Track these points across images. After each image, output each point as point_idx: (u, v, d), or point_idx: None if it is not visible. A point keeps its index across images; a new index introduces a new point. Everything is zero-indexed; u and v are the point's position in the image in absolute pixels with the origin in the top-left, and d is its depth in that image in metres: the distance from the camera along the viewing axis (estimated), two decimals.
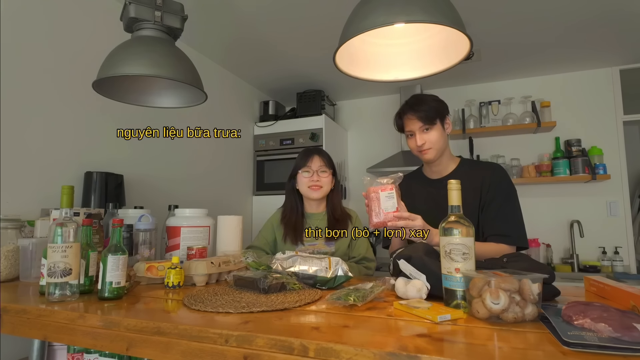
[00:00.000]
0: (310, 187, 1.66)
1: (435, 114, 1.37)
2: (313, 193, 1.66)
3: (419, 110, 1.36)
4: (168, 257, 1.47)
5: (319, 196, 1.67)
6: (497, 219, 1.31)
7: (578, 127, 3.14)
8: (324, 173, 1.68)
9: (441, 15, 0.90)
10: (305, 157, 1.70)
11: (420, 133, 1.37)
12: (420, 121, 1.36)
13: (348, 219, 1.72)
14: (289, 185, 1.75)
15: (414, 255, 0.99)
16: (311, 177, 1.66)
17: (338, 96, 3.75)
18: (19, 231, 1.36)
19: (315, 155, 1.70)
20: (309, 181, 1.66)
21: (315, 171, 1.67)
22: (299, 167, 1.70)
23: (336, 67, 1.12)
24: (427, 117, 1.36)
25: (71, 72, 1.81)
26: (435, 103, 1.39)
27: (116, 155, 2.03)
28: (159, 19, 1.25)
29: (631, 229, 2.98)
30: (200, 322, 0.78)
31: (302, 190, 1.70)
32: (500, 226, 1.30)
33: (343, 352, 0.63)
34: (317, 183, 1.66)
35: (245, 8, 2.21)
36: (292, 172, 1.73)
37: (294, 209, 1.72)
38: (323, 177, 1.67)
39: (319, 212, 1.73)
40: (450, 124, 1.43)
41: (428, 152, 1.38)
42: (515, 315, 0.74)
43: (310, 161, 1.68)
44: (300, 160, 1.71)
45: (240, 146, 3.23)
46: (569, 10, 2.25)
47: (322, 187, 1.67)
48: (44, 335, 0.90)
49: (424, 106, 1.37)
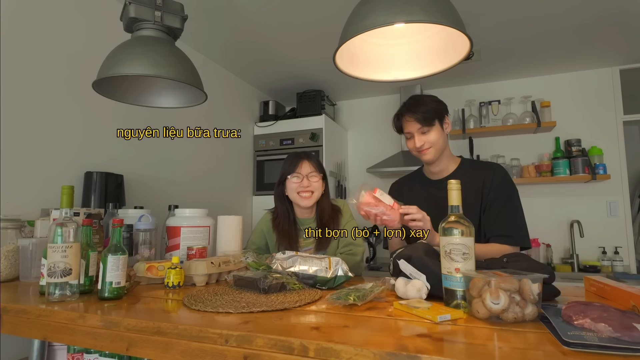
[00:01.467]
0: (299, 193, 1.59)
1: (434, 115, 1.36)
2: (304, 201, 1.59)
3: (416, 112, 1.36)
4: (168, 257, 1.47)
5: (310, 204, 1.60)
6: (499, 220, 1.30)
7: (578, 127, 3.14)
8: (314, 177, 1.60)
9: (441, 15, 0.90)
10: (293, 162, 1.63)
11: (418, 135, 1.37)
12: (419, 123, 1.36)
13: (338, 214, 1.65)
14: (277, 191, 1.67)
15: (414, 255, 0.99)
16: (300, 183, 1.59)
17: (338, 96, 3.75)
18: (19, 231, 1.36)
19: (305, 161, 1.62)
20: (299, 186, 1.59)
21: (305, 176, 1.59)
22: (288, 172, 1.62)
23: (336, 67, 1.12)
24: (425, 118, 1.35)
25: (71, 72, 1.81)
26: (433, 104, 1.38)
27: (116, 155, 2.03)
28: (159, 19, 1.25)
29: (631, 229, 2.98)
30: (200, 322, 0.78)
31: (292, 197, 1.62)
32: (503, 227, 1.29)
33: (343, 352, 0.63)
34: (307, 188, 1.58)
35: (246, 8, 2.21)
36: (280, 178, 1.65)
37: (286, 216, 1.65)
38: (314, 182, 1.60)
39: (310, 217, 1.67)
40: (449, 124, 1.42)
41: (427, 152, 1.37)
42: (515, 315, 0.74)
43: (299, 167, 1.60)
44: (289, 165, 1.63)
45: (240, 146, 3.23)
46: (569, 10, 2.25)
47: (314, 193, 1.59)
48: (44, 335, 0.90)
49: (421, 108, 1.36)
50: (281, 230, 1.63)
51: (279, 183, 1.66)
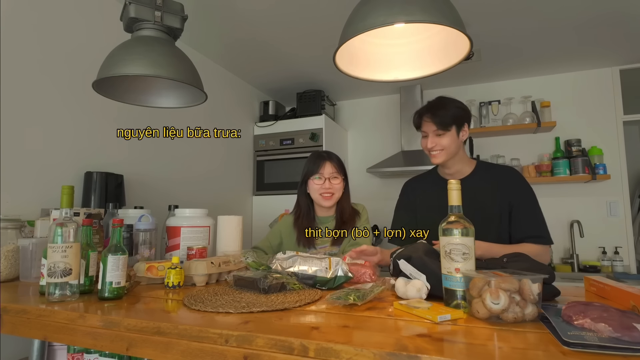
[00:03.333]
0: (322, 194, 1.65)
1: (452, 121, 1.38)
2: (325, 202, 1.65)
3: (437, 115, 1.38)
4: (168, 257, 1.47)
5: (331, 204, 1.67)
6: (530, 222, 1.34)
7: (578, 127, 3.14)
8: (335, 179, 1.66)
9: (441, 15, 0.90)
10: (316, 162, 1.67)
11: (433, 136, 1.40)
12: (435, 125, 1.38)
13: (356, 216, 1.70)
14: (300, 190, 1.73)
15: (414, 255, 0.99)
16: (323, 185, 1.64)
17: (338, 96, 3.75)
18: (19, 231, 1.36)
19: (327, 162, 1.67)
20: (321, 188, 1.64)
21: (327, 178, 1.64)
22: (311, 173, 1.67)
23: (336, 67, 1.12)
24: (442, 122, 1.37)
25: (71, 72, 1.81)
26: (455, 110, 1.40)
27: (116, 155, 2.03)
28: (159, 19, 1.25)
29: (631, 229, 2.98)
30: (200, 322, 0.78)
31: (314, 197, 1.68)
32: (535, 228, 1.33)
33: (343, 352, 0.63)
34: (329, 190, 1.64)
35: (246, 8, 2.21)
36: (303, 178, 1.71)
37: (307, 214, 1.71)
38: (335, 184, 1.65)
39: (329, 215, 1.72)
40: (467, 132, 1.43)
41: (437, 155, 1.40)
42: (515, 315, 0.74)
43: (322, 167, 1.65)
44: (312, 165, 1.68)
45: (240, 146, 3.23)
46: (569, 10, 2.25)
47: (334, 194, 1.65)
48: (44, 335, 0.90)
49: (442, 111, 1.39)
50: (301, 226, 1.69)
51: (302, 182, 1.72)
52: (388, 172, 3.25)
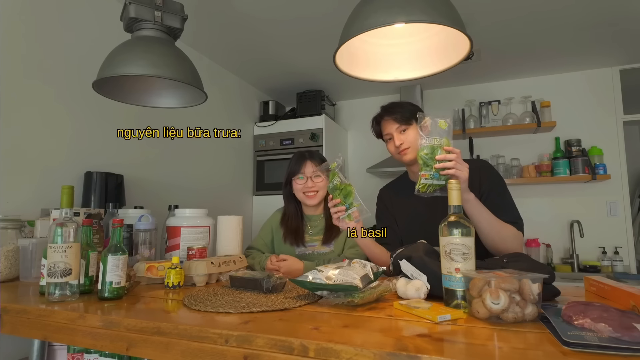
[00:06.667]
0: (305, 194, 1.67)
1: (411, 115, 1.39)
2: (309, 200, 1.67)
3: (394, 112, 1.40)
4: (168, 257, 1.47)
5: (315, 202, 1.68)
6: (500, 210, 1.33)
7: (578, 127, 3.14)
8: (318, 178, 1.66)
9: (441, 15, 0.90)
10: (297, 162, 1.69)
11: (397, 134, 1.40)
12: (396, 122, 1.40)
13: None
14: (285, 191, 1.75)
15: (415, 255, 0.99)
16: (305, 184, 1.66)
17: (338, 96, 3.75)
18: (19, 231, 1.36)
19: (308, 161, 1.68)
20: (304, 187, 1.66)
21: (309, 177, 1.66)
22: (293, 173, 1.69)
23: (336, 67, 1.12)
24: (402, 117, 1.39)
25: (71, 72, 1.81)
26: (410, 106, 1.43)
27: (116, 155, 2.03)
28: (159, 19, 1.25)
29: (631, 229, 2.99)
30: (200, 322, 0.78)
31: (299, 197, 1.70)
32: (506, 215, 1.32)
33: (343, 352, 0.63)
34: (311, 189, 1.66)
35: (246, 8, 2.21)
36: (286, 179, 1.73)
37: (294, 214, 1.73)
38: (318, 182, 1.66)
39: (317, 213, 1.73)
40: None
41: (407, 152, 1.40)
42: (515, 315, 0.74)
43: (304, 167, 1.67)
44: (294, 166, 1.70)
45: (240, 146, 3.23)
46: (569, 10, 2.25)
47: (318, 192, 1.67)
48: (44, 335, 0.90)
49: (399, 108, 1.41)
50: (289, 225, 1.71)
51: (286, 183, 1.73)
52: (388, 172, 3.25)
